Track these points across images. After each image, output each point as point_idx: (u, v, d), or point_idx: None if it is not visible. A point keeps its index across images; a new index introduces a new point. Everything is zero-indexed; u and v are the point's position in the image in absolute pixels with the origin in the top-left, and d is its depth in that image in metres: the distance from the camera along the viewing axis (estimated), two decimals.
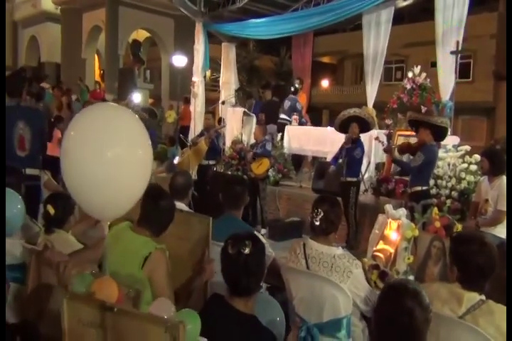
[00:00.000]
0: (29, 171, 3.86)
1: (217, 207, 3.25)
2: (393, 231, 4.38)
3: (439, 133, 4.71)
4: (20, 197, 2.26)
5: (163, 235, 2.31)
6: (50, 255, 1.89)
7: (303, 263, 2.31)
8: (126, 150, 1.57)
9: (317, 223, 2.27)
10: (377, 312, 1.48)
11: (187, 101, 11.13)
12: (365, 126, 5.48)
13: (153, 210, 2.27)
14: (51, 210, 2.46)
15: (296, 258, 2.35)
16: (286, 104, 8.33)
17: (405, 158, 5.48)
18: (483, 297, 1.83)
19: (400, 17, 14.22)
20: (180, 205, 3.13)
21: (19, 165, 3.67)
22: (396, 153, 5.21)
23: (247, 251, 1.67)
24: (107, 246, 2.03)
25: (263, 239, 2.64)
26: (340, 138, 5.76)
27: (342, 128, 5.57)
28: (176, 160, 8.06)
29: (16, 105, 4.06)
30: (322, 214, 2.26)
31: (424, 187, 4.73)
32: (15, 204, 2.14)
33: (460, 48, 6.73)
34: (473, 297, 1.83)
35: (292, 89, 8.55)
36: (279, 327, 1.91)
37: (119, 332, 1.22)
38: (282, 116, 8.30)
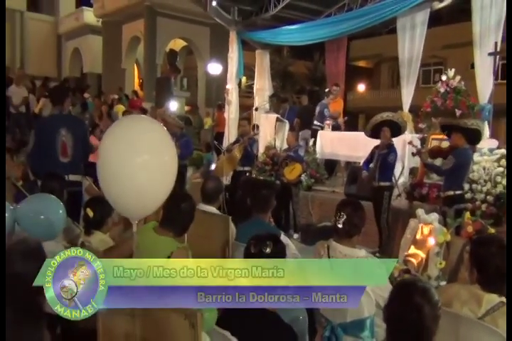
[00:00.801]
0: (72, 177, 4.07)
1: (247, 211, 3.36)
2: (428, 236, 4.35)
3: (472, 136, 4.65)
4: (61, 203, 2.44)
5: (189, 235, 2.43)
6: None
7: None
8: (154, 157, 1.72)
9: (340, 226, 2.33)
10: (387, 310, 1.53)
11: (220, 108, 11.35)
12: (397, 130, 5.45)
13: (175, 212, 2.37)
14: (90, 213, 2.63)
15: None
16: (317, 109, 8.40)
17: (439, 162, 5.42)
18: (503, 299, 1.84)
19: (438, 18, 13.95)
20: (210, 209, 3.26)
21: (62, 171, 3.89)
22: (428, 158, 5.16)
23: (268, 250, 1.76)
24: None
25: (287, 241, 2.72)
26: (373, 143, 5.75)
27: (373, 133, 5.56)
28: (212, 166, 8.29)
29: (59, 113, 4.31)
30: (345, 217, 2.32)
31: (458, 192, 4.67)
32: (57, 210, 2.33)
33: (499, 49, 6.56)
34: (493, 299, 1.85)
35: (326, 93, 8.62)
36: (301, 325, 1.99)
37: (146, 319, 1.35)
38: (315, 122, 8.36)
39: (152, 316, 1.35)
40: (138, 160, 1.70)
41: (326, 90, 8.71)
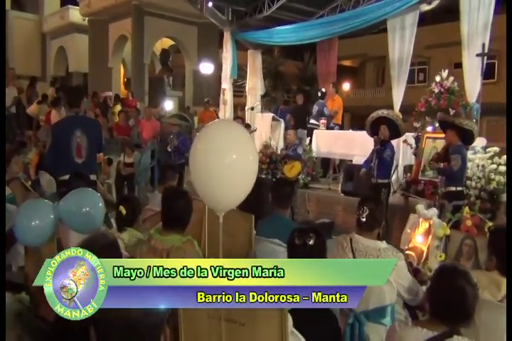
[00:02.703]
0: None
1: (252, 208, 3.48)
2: (420, 234, 4.55)
3: (465, 136, 4.83)
4: (99, 195, 2.55)
5: (210, 231, 2.52)
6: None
7: (350, 256, 2.52)
8: (239, 156, 2.00)
9: (363, 220, 2.51)
10: (431, 293, 1.68)
11: (207, 105, 11.40)
12: (396, 131, 5.52)
13: (171, 211, 2.46)
14: (123, 211, 2.75)
15: (344, 252, 2.57)
16: (314, 108, 8.56)
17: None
18: None
19: (422, 19, 14.21)
20: None
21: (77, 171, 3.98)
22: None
23: (311, 242, 1.92)
24: None
25: None
26: (367, 141, 5.91)
27: (373, 131, 5.70)
28: None
29: (75, 115, 4.40)
30: (368, 211, 2.50)
31: (459, 188, 4.82)
32: (97, 203, 2.45)
33: (486, 50, 6.75)
34: None
35: (319, 94, 8.77)
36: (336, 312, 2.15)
37: None
38: (311, 120, 8.53)
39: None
40: (226, 160, 1.90)
41: (323, 90, 8.82)
